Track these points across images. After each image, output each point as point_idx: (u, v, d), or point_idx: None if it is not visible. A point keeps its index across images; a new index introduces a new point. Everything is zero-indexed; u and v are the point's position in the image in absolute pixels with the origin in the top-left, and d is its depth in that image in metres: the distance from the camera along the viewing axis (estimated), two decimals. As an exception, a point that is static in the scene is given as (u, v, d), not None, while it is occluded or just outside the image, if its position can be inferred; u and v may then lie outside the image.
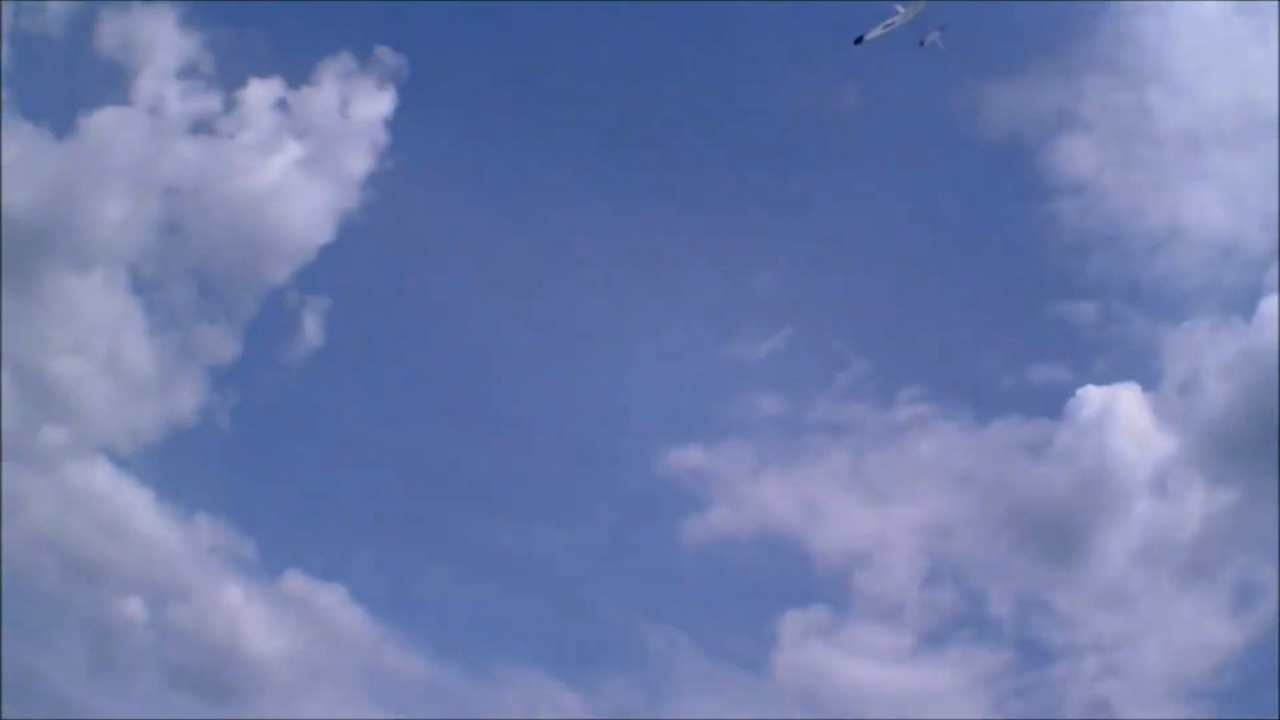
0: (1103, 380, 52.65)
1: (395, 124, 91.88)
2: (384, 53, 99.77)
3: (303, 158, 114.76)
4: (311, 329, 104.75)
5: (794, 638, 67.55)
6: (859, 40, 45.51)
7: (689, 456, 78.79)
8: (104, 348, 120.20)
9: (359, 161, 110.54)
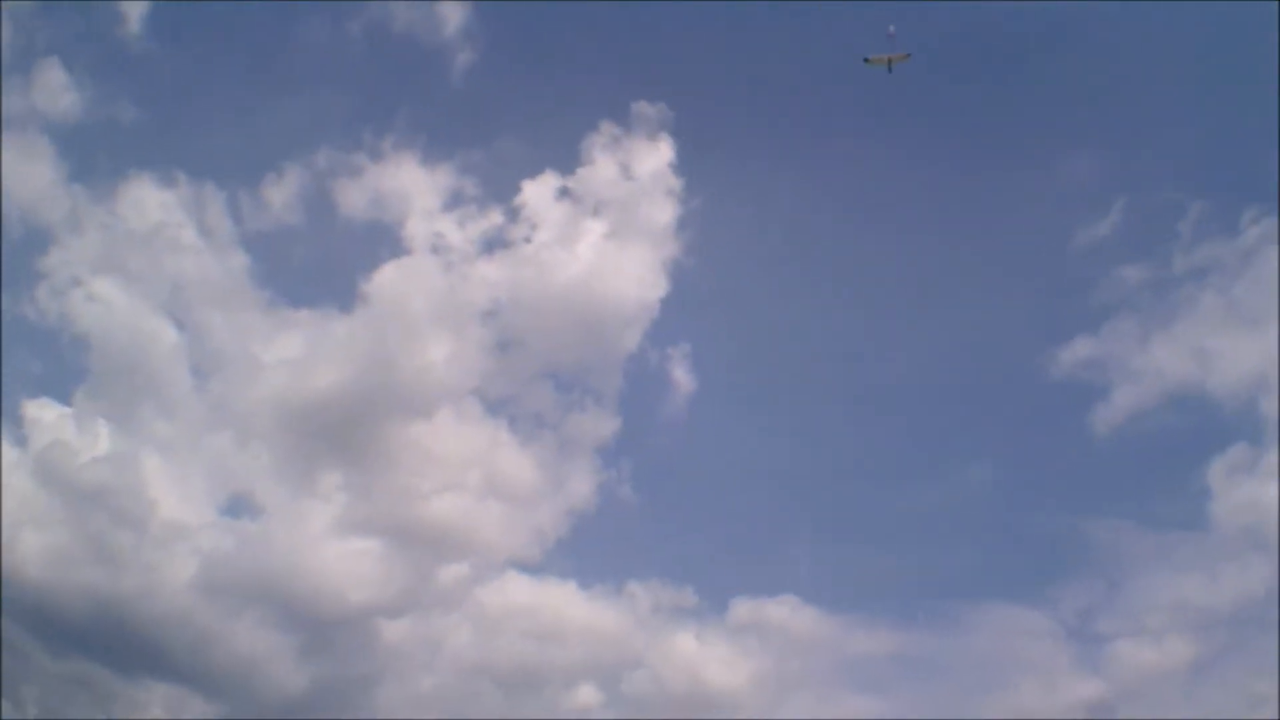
0: None
1: (680, 166, 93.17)
2: (641, 108, 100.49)
3: (607, 230, 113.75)
4: (680, 376, 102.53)
5: (1223, 484, 67.05)
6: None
7: (1077, 350, 78.52)
8: (478, 475, 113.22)
9: (661, 212, 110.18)
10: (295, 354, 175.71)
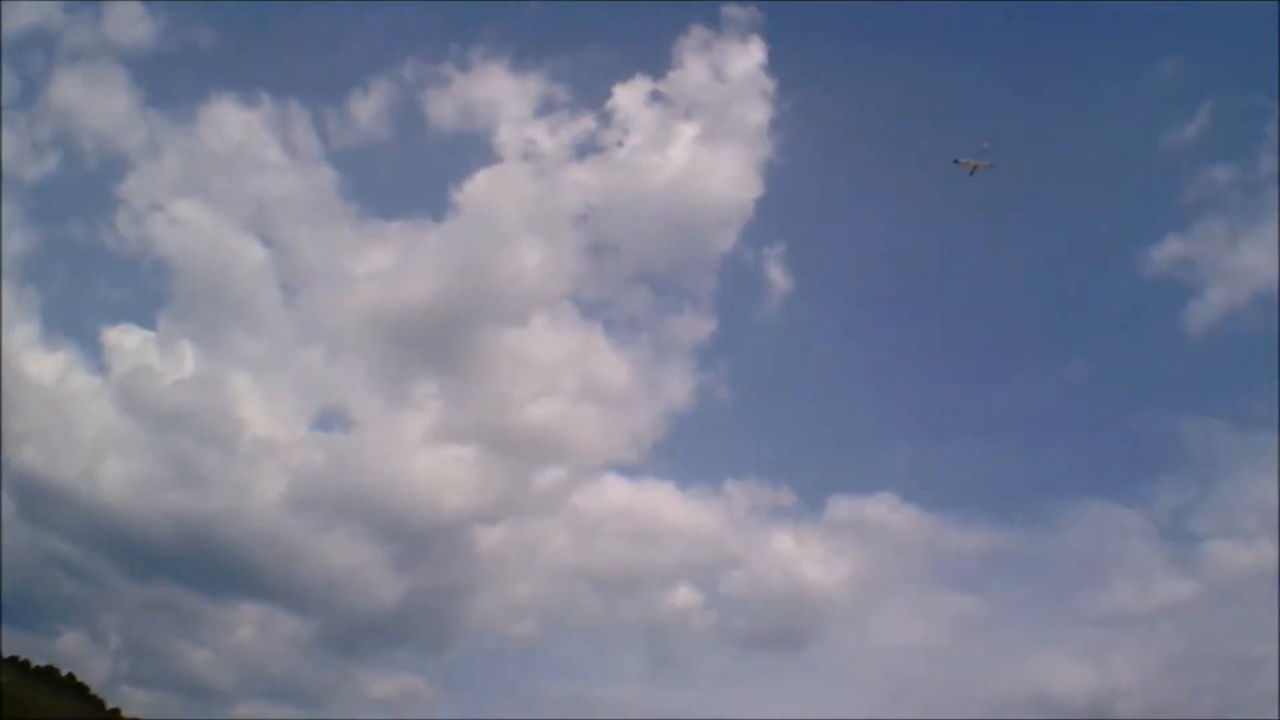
0: None
1: (772, 67, 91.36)
2: (731, 10, 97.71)
3: (700, 133, 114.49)
4: (777, 275, 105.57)
5: (1320, 380, 65.69)
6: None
7: (1168, 249, 78.58)
8: (573, 379, 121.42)
9: (754, 114, 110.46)
10: (387, 266, 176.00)
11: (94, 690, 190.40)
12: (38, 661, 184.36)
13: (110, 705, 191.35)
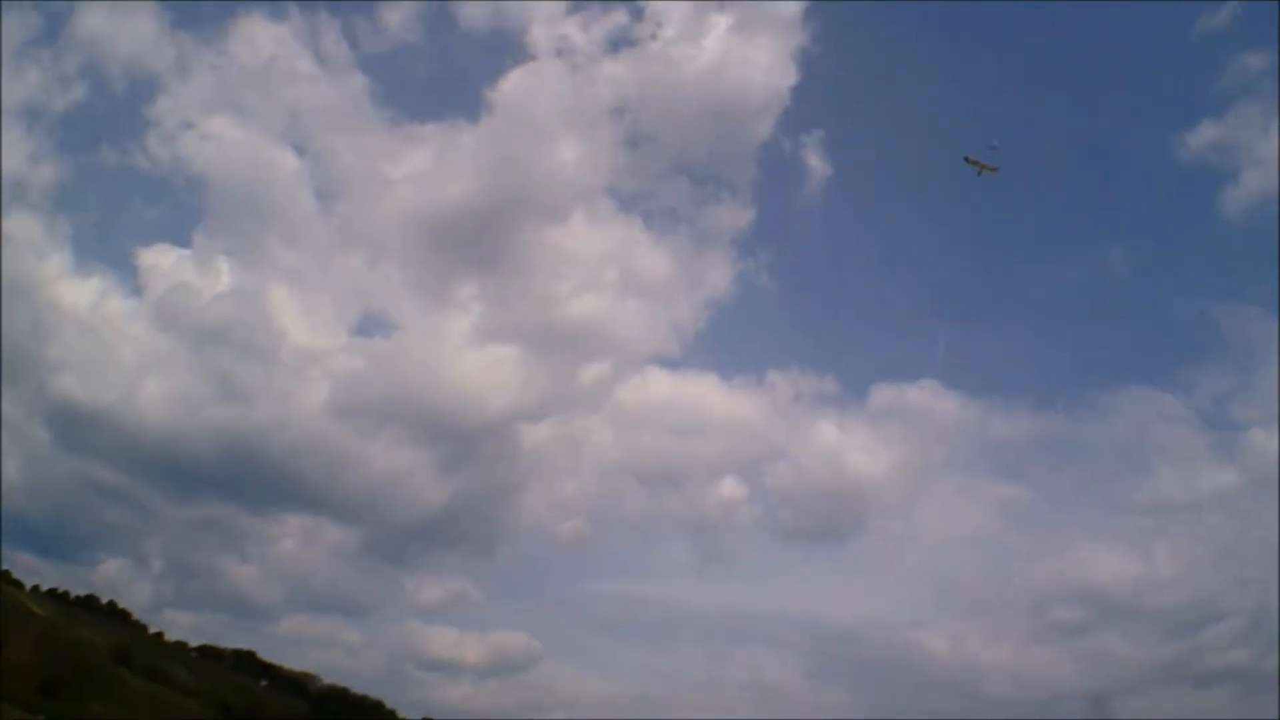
0: None
1: None
2: None
3: (733, 23, 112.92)
4: (815, 163, 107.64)
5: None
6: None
7: (1203, 133, 75.61)
8: (614, 273, 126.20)
9: (788, 2, 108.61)
10: (423, 169, 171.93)
11: (135, 616, 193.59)
12: (77, 592, 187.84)
13: (153, 630, 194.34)
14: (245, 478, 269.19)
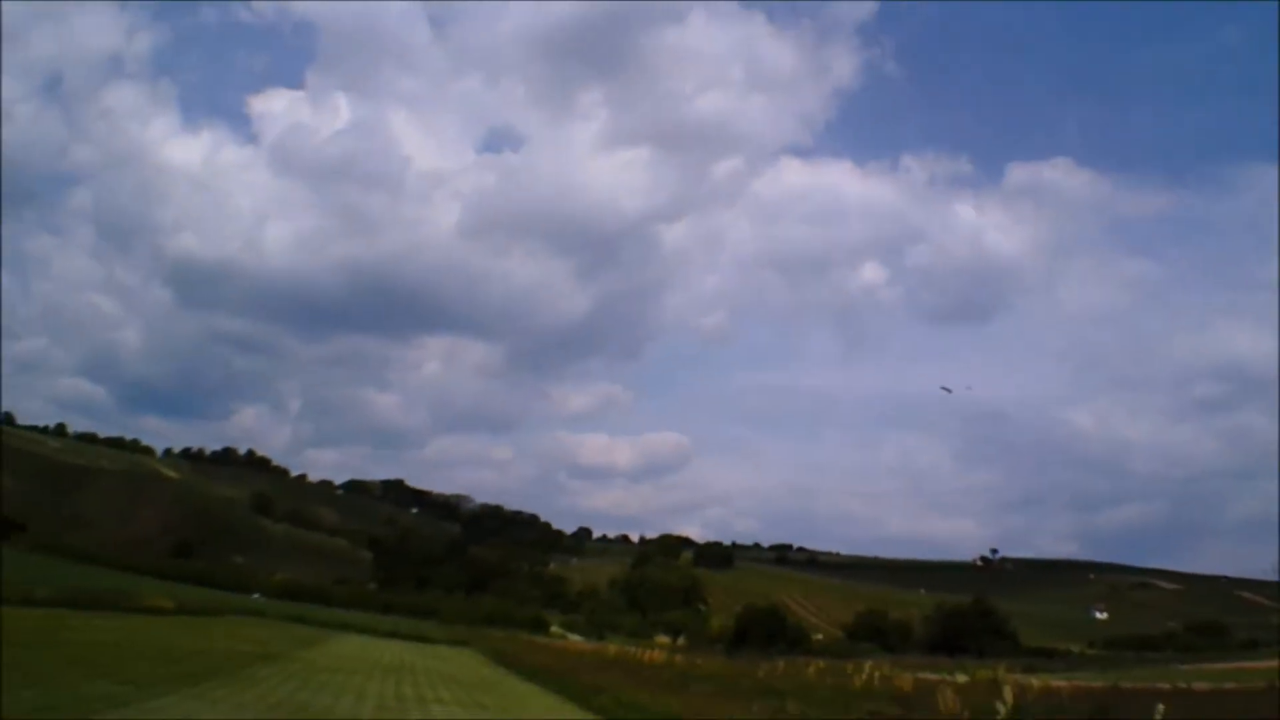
0: None
1: None
2: None
3: None
4: None
5: None
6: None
7: None
8: (739, 69, 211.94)
9: None
10: None
11: (275, 463, 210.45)
12: (213, 448, 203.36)
13: (295, 474, 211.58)
14: (379, 308, 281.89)
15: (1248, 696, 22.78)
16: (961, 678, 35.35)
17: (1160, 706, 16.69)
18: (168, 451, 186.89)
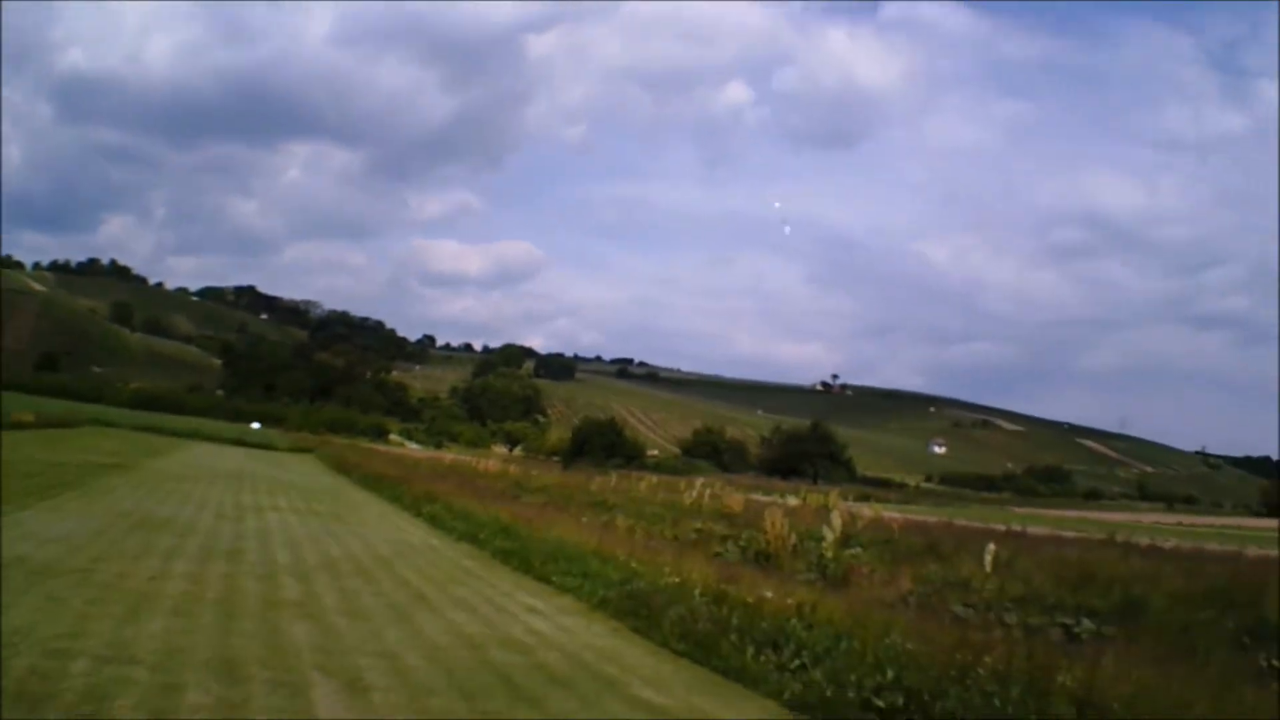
0: None
1: None
2: None
3: None
4: None
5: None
6: None
7: None
8: None
9: None
10: None
11: (136, 271, 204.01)
12: (80, 259, 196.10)
13: (154, 282, 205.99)
14: (251, 114, 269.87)
15: (1084, 545, 22.22)
16: (793, 501, 36.84)
17: (991, 546, 16.56)
18: (36, 265, 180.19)
